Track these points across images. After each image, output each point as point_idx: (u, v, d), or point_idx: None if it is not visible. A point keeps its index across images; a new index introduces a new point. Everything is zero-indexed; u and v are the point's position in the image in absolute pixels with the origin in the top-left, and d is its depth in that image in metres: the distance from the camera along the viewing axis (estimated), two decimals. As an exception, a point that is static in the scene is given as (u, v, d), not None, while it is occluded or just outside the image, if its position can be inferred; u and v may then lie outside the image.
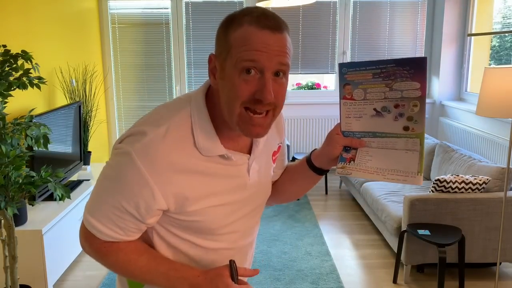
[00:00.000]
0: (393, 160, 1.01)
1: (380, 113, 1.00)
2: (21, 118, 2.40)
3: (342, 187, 5.02)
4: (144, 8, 5.23)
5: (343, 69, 1.02)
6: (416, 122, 0.97)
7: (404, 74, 0.96)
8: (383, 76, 0.98)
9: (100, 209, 0.92)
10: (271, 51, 0.86)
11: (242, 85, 0.87)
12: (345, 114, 1.05)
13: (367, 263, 3.28)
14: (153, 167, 0.87)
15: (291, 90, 5.47)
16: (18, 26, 3.25)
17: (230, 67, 0.88)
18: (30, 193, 2.38)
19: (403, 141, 1.00)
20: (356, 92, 1.02)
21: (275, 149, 1.12)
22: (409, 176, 0.99)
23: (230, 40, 0.88)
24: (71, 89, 4.12)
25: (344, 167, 1.05)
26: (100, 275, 3.13)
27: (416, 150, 0.99)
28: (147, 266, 0.95)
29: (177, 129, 0.91)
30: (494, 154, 4.02)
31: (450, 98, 5.23)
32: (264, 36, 0.86)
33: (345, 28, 5.28)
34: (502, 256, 2.98)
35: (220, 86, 0.91)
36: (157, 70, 5.34)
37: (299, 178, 1.16)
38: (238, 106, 0.88)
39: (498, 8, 4.46)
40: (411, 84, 0.96)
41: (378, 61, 0.98)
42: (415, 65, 0.94)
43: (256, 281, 3.02)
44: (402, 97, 0.97)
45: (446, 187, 2.96)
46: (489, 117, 2.56)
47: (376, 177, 1.03)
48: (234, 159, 0.96)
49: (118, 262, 0.96)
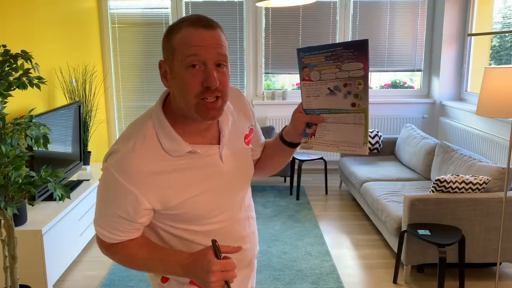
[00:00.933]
0: (344, 133, 1.14)
1: (333, 91, 1.13)
2: (21, 118, 2.40)
3: (342, 187, 5.02)
4: (144, 8, 5.22)
5: (301, 54, 1.15)
6: (361, 99, 1.09)
7: (349, 56, 1.07)
8: (333, 59, 1.10)
9: (101, 220, 1.10)
10: (208, 44, 1.01)
11: (190, 79, 1.01)
12: (305, 94, 1.18)
13: (367, 263, 3.28)
14: (130, 177, 1.03)
15: (291, 90, 5.47)
16: (18, 26, 3.25)
17: (177, 66, 1.02)
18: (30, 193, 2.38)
19: (351, 116, 1.12)
20: (312, 74, 1.15)
21: (247, 133, 1.25)
22: (357, 147, 1.13)
23: (173, 44, 1.03)
24: (71, 89, 4.12)
25: (306, 142, 1.20)
26: (100, 275, 3.13)
27: (362, 124, 1.11)
28: (147, 256, 1.10)
29: (143, 141, 1.06)
30: (494, 154, 4.02)
31: (450, 98, 5.22)
32: (200, 33, 1.01)
33: (345, 28, 5.28)
34: (502, 256, 2.98)
35: (172, 86, 1.05)
36: (157, 70, 5.32)
37: (277, 153, 1.32)
38: (193, 97, 1.02)
39: (498, 8, 4.45)
40: (355, 65, 1.07)
41: (329, 45, 1.09)
42: (358, 47, 1.05)
43: (256, 281, 3.01)
44: (349, 77, 1.09)
45: (446, 187, 2.96)
46: (489, 117, 2.55)
47: (332, 149, 1.17)
48: (201, 152, 1.09)
49: (125, 257, 1.12)
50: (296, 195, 4.61)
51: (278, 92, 5.40)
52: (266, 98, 5.38)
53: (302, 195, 4.73)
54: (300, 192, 4.80)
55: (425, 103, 5.36)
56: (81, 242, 3.32)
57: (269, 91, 5.44)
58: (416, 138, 4.31)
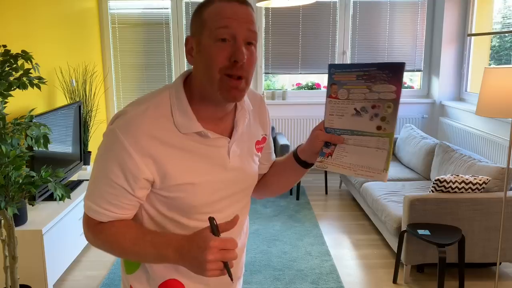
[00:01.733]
0: (364, 157, 1.09)
1: (359, 112, 1.08)
2: (21, 118, 2.40)
3: (342, 187, 5.02)
4: (144, 8, 5.22)
5: (332, 70, 1.11)
6: (388, 123, 1.05)
7: (383, 77, 1.04)
8: (365, 79, 1.06)
9: (95, 192, 1.02)
10: (240, 18, 0.97)
11: (219, 52, 0.97)
12: (329, 111, 1.14)
13: (367, 263, 3.28)
14: (134, 139, 0.96)
15: (291, 90, 5.47)
16: (18, 26, 3.25)
17: (206, 38, 0.98)
18: (30, 193, 2.38)
19: (375, 139, 1.07)
20: (340, 92, 1.11)
21: (259, 139, 1.19)
22: (376, 173, 1.07)
23: (204, 16, 0.99)
24: (71, 89, 4.12)
25: (322, 161, 1.14)
26: (100, 275, 3.13)
27: (385, 149, 1.06)
28: (135, 236, 1.00)
29: (156, 107, 1.00)
30: (494, 154, 4.02)
31: (450, 98, 5.23)
32: (233, 7, 0.98)
33: (345, 28, 5.28)
34: (502, 256, 2.98)
35: (197, 61, 1.01)
36: (157, 70, 5.34)
37: (287, 171, 1.25)
38: (217, 72, 0.97)
39: (498, 8, 4.46)
40: (387, 87, 1.04)
41: (363, 64, 1.06)
42: (393, 69, 1.02)
43: (256, 281, 3.02)
44: (379, 99, 1.05)
45: (446, 187, 2.96)
46: (489, 117, 2.56)
47: (348, 172, 1.11)
48: (211, 137, 1.03)
49: (111, 237, 1.02)
50: (296, 195, 4.61)
51: (278, 92, 5.40)
52: (266, 98, 5.38)
53: (302, 195, 4.73)
54: (300, 192, 4.81)
55: (425, 103, 5.36)
56: (81, 242, 3.32)
57: (269, 91, 5.44)
58: (416, 138, 4.31)
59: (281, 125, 5.34)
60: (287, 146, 4.55)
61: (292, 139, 5.40)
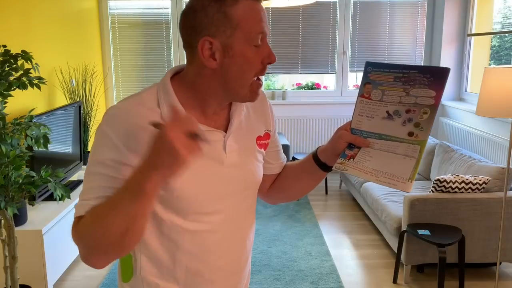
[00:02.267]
0: (390, 163, 1.02)
1: (391, 116, 1.02)
2: (21, 118, 2.40)
3: (342, 187, 5.02)
4: (144, 8, 5.22)
5: (368, 68, 1.04)
6: (422, 129, 0.98)
7: (423, 81, 0.97)
8: (403, 81, 1.00)
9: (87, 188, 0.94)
10: (265, 19, 0.96)
11: (256, 56, 0.94)
12: (358, 112, 1.06)
13: (367, 263, 3.28)
14: (120, 130, 0.92)
15: (291, 90, 5.47)
16: (18, 26, 3.25)
17: (240, 42, 0.93)
18: (30, 193, 2.38)
19: (404, 146, 1.00)
20: (374, 92, 1.04)
21: (261, 134, 1.12)
22: (400, 182, 1.00)
23: (235, 17, 0.92)
24: (71, 89, 4.12)
25: (342, 163, 1.06)
26: (100, 275, 3.13)
27: (414, 157, 0.99)
28: (103, 206, 0.89)
29: (143, 102, 0.97)
30: (494, 154, 4.02)
31: (450, 98, 5.22)
32: (260, 7, 0.95)
33: (345, 28, 5.28)
34: (502, 256, 2.98)
35: (227, 65, 0.94)
36: (157, 70, 5.34)
37: (304, 174, 1.17)
38: (252, 76, 0.96)
39: (498, 8, 4.45)
40: (427, 92, 0.97)
41: (403, 66, 1.00)
42: (436, 74, 0.96)
43: (256, 281, 3.02)
44: (415, 103, 0.99)
45: (446, 187, 2.96)
46: (489, 117, 2.56)
47: (370, 178, 1.03)
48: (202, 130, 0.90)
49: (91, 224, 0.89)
50: (296, 195, 4.60)
51: (278, 92, 5.40)
52: (266, 98, 5.38)
53: (302, 195, 4.73)
54: (300, 192, 4.80)
55: (425, 103, 5.36)
56: (81, 242, 3.31)
57: (269, 91, 5.44)
58: (416, 138, 4.30)
59: (281, 125, 5.34)
60: (287, 146, 4.55)
61: (292, 139, 5.40)
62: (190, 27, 0.95)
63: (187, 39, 0.97)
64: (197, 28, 0.93)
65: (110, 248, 0.89)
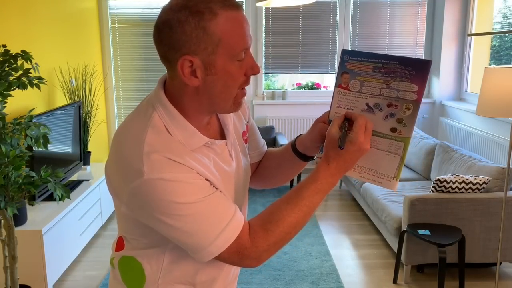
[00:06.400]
0: (373, 160, 0.98)
1: (371, 109, 0.96)
2: (21, 118, 2.40)
3: (342, 187, 5.01)
4: (144, 8, 5.22)
5: (345, 56, 0.99)
6: (405, 126, 0.94)
7: (405, 73, 0.92)
8: (383, 72, 0.94)
9: (216, 221, 0.89)
10: (248, 30, 0.90)
11: (239, 71, 0.90)
12: (336, 103, 1.01)
13: (367, 263, 3.28)
14: (177, 153, 0.88)
15: (291, 90, 5.47)
16: (18, 26, 3.25)
17: (223, 59, 0.88)
18: (30, 193, 2.38)
19: (387, 142, 0.96)
20: (352, 82, 0.98)
21: (244, 129, 1.12)
22: (385, 179, 0.97)
23: (216, 32, 0.85)
24: (71, 89, 4.12)
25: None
26: (100, 275, 3.13)
27: (398, 154, 0.95)
28: (291, 197, 0.94)
29: (157, 137, 0.89)
30: (494, 154, 4.02)
31: (450, 98, 5.22)
32: (241, 18, 0.88)
33: (345, 28, 5.28)
34: (502, 256, 2.98)
35: (210, 82, 0.89)
36: (157, 70, 5.34)
37: (284, 163, 1.14)
38: (236, 89, 0.92)
39: (498, 8, 4.45)
40: (409, 86, 0.93)
41: (382, 55, 0.94)
42: (418, 66, 0.91)
43: (256, 281, 3.02)
44: (397, 97, 0.94)
45: (446, 187, 2.96)
46: (489, 117, 2.55)
47: (353, 174, 1.00)
48: (217, 144, 0.97)
49: (276, 212, 0.93)
50: (296, 195, 4.60)
51: (278, 92, 5.40)
52: (266, 98, 5.38)
53: (302, 195, 4.72)
54: (300, 192, 4.80)
55: (425, 103, 5.36)
56: (81, 242, 3.32)
57: (269, 91, 5.44)
58: (416, 138, 4.31)
59: (281, 125, 5.34)
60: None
61: (292, 139, 5.39)
62: (167, 44, 0.88)
63: (164, 55, 0.90)
64: (175, 45, 0.87)
65: (293, 235, 0.95)
